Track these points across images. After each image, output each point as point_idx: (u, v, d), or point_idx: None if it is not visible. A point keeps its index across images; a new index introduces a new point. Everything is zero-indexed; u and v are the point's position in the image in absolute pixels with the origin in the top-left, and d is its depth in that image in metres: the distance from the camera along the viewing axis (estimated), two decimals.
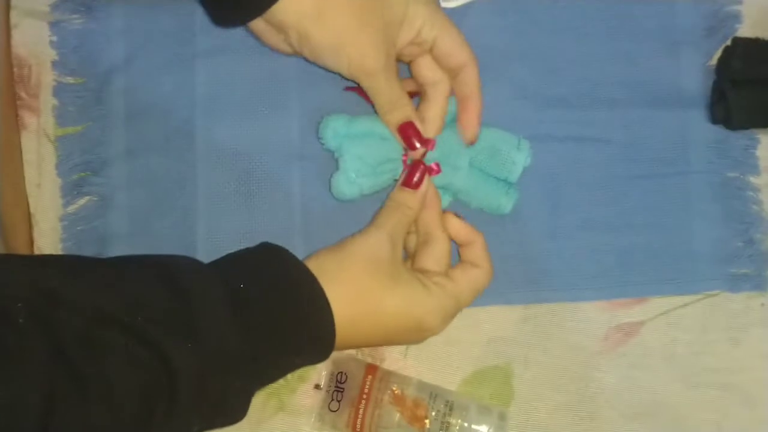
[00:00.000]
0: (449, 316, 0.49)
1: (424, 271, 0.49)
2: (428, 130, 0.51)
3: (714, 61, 0.57)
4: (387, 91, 0.50)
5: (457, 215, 0.51)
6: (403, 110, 0.51)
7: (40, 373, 0.36)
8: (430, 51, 0.51)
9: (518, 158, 0.53)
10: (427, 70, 0.51)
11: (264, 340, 0.43)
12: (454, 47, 0.50)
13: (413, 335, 0.49)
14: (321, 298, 0.44)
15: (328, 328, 0.45)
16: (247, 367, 0.43)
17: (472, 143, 0.52)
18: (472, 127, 0.52)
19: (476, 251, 0.51)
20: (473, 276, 0.50)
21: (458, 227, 0.51)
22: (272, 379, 0.47)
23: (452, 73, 0.51)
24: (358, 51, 0.48)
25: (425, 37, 0.50)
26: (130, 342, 0.39)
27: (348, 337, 0.46)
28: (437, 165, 0.52)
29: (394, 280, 0.47)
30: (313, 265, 0.46)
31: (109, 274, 0.42)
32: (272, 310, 0.43)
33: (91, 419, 0.37)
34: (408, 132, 0.51)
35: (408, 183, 0.50)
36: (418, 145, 0.51)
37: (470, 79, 0.51)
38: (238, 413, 0.44)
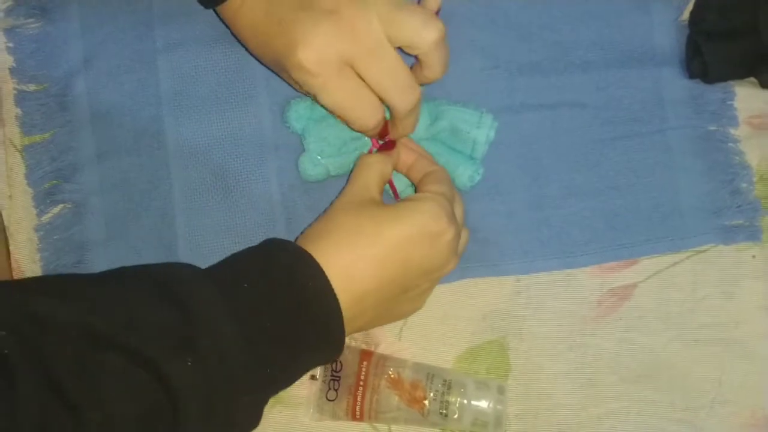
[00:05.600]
0: (444, 214, 0.46)
1: None
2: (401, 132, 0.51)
3: (686, 16, 0.57)
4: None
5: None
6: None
7: (29, 405, 0.34)
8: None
9: (479, 136, 0.53)
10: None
11: (270, 345, 0.40)
12: (438, 67, 0.48)
13: (426, 243, 0.45)
14: (316, 272, 0.42)
15: (331, 303, 0.42)
16: (255, 377, 0.40)
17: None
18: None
19: (422, 163, 0.51)
20: (433, 176, 0.49)
21: (404, 157, 0.51)
22: (287, 383, 0.44)
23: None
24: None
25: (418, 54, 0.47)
26: (125, 364, 0.36)
27: (358, 289, 0.43)
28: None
29: (378, 207, 0.46)
30: (304, 241, 0.44)
31: (98, 293, 0.39)
32: (272, 307, 0.41)
33: None
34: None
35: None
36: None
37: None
38: (249, 426, 0.42)
